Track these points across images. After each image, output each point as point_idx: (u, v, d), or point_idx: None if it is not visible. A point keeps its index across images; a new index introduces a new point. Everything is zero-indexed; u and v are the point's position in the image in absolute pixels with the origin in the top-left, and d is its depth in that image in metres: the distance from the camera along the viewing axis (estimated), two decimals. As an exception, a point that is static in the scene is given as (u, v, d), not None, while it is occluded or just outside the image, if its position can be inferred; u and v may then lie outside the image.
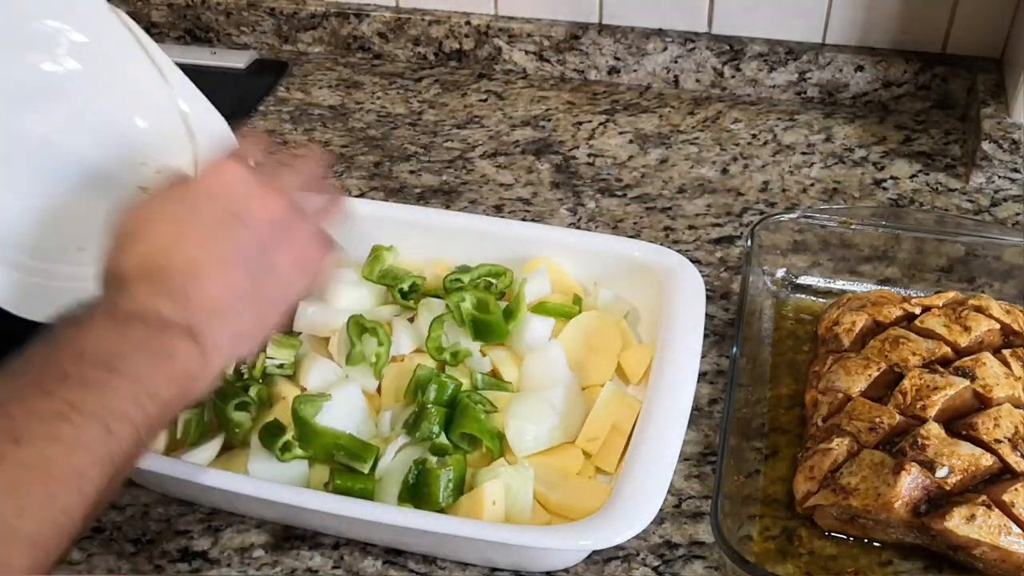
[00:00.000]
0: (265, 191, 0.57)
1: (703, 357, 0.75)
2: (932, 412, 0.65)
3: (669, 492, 0.62)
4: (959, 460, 0.62)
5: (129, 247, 0.54)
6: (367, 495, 0.65)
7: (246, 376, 0.72)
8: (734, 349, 0.72)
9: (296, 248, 0.59)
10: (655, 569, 0.65)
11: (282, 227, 0.58)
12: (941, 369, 0.68)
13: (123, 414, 0.48)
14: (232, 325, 0.54)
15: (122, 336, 0.50)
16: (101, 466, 0.46)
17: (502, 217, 0.95)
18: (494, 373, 0.75)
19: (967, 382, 0.67)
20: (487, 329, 0.74)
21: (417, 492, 0.65)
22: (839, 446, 0.65)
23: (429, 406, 0.68)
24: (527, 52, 1.17)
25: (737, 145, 1.05)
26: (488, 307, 0.75)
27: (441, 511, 0.65)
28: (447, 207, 0.97)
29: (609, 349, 0.75)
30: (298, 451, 0.67)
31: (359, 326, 0.73)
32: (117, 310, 0.52)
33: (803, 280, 0.84)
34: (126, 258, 0.54)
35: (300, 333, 0.76)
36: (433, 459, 0.65)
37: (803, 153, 1.03)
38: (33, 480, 0.44)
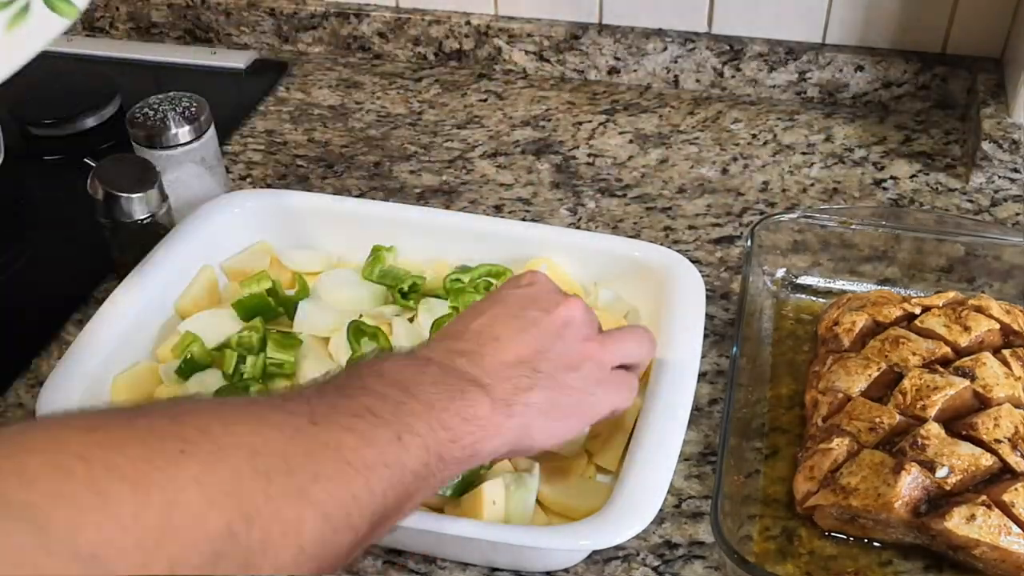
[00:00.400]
0: (568, 298, 0.62)
1: (703, 357, 0.75)
2: (932, 412, 0.66)
3: (669, 492, 0.62)
4: (959, 460, 0.62)
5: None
6: (367, 495, 0.65)
7: (246, 376, 0.72)
8: (734, 349, 0.72)
9: (596, 361, 0.60)
10: (655, 569, 0.65)
11: (582, 332, 0.60)
12: (941, 369, 0.68)
13: (415, 430, 0.49)
14: (524, 394, 0.56)
15: (419, 371, 0.53)
16: (390, 468, 0.47)
17: (502, 217, 0.95)
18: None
19: (967, 382, 0.67)
20: None
21: None
22: (839, 446, 0.65)
23: None
24: (527, 52, 1.17)
25: (737, 145, 1.05)
26: None
27: (439, 508, 0.65)
28: (447, 207, 0.97)
29: (609, 349, 0.75)
30: (298, 451, 0.67)
31: (359, 331, 0.73)
32: (415, 354, 0.56)
33: (803, 280, 0.84)
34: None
35: (300, 333, 0.76)
36: None
37: (803, 153, 1.03)
38: (327, 456, 0.44)
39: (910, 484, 0.61)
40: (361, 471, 0.45)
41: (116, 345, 0.74)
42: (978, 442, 0.63)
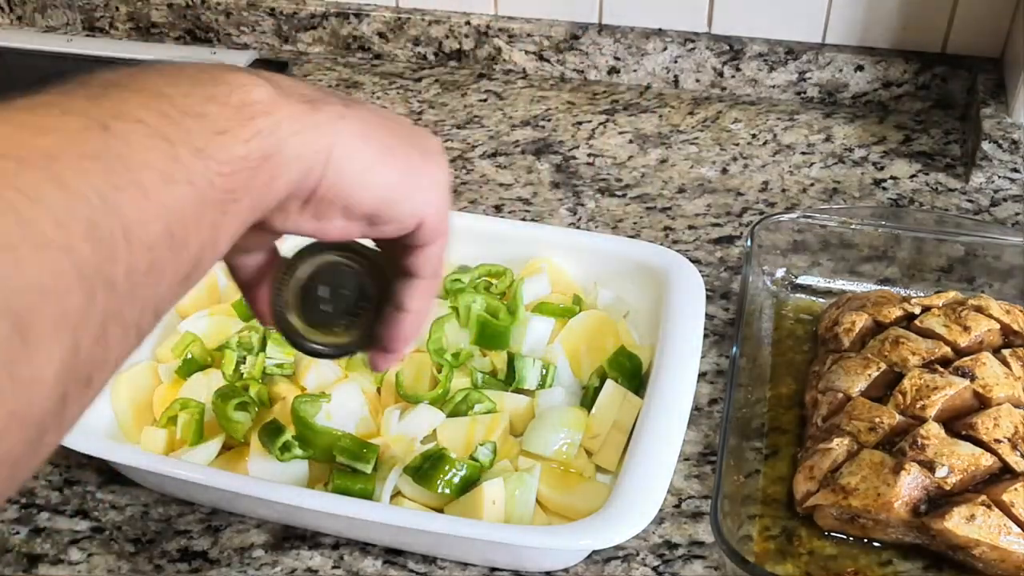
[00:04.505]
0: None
1: (703, 357, 0.75)
2: (932, 412, 0.66)
3: (669, 492, 0.62)
4: (959, 460, 0.62)
5: None
6: (367, 495, 0.65)
7: (246, 376, 0.72)
8: (734, 349, 0.72)
9: (438, 154, 0.47)
10: (655, 569, 0.65)
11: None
12: (941, 369, 0.68)
13: (131, 116, 0.33)
14: (333, 105, 0.40)
15: (151, 72, 0.36)
16: (92, 160, 0.31)
17: (502, 217, 0.95)
18: (494, 373, 0.75)
19: (967, 382, 0.67)
20: (493, 335, 0.74)
21: (422, 472, 0.65)
22: (839, 446, 0.65)
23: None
24: (527, 52, 1.17)
25: (737, 145, 1.05)
26: (498, 314, 0.75)
27: (439, 508, 0.65)
28: (447, 207, 0.97)
29: (609, 349, 0.75)
30: (298, 451, 0.67)
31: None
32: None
33: (803, 280, 0.84)
34: None
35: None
36: (453, 453, 0.66)
37: (803, 153, 1.03)
38: None
39: (910, 484, 0.61)
40: (14, 160, 0.29)
41: (116, 345, 0.73)
42: (978, 442, 0.63)
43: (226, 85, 0.36)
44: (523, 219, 0.95)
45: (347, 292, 0.51)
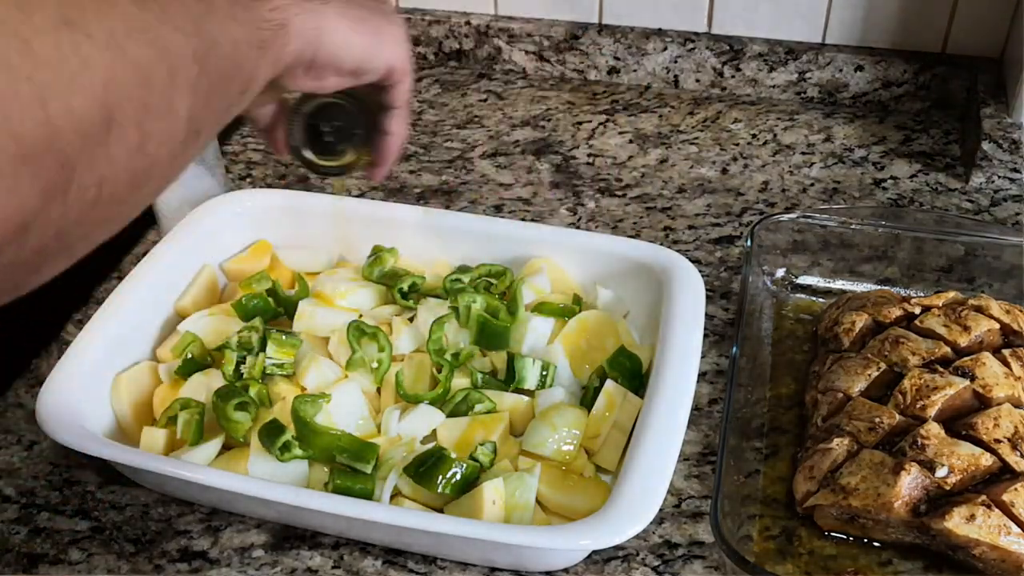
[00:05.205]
0: None
1: (703, 357, 0.75)
2: (932, 412, 0.66)
3: (669, 492, 0.62)
4: (959, 460, 0.62)
5: None
6: (367, 495, 0.65)
7: (246, 376, 0.72)
8: (734, 349, 0.72)
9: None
10: (655, 569, 0.65)
11: None
12: (941, 369, 0.68)
13: None
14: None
15: None
16: None
17: (502, 217, 0.95)
18: (494, 373, 0.75)
19: (967, 382, 0.67)
20: (493, 335, 0.74)
21: (422, 471, 0.65)
22: (839, 446, 0.65)
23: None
24: (527, 52, 1.17)
25: (737, 145, 1.05)
26: (498, 313, 0.75)
27: (439, 508, 0.65)
28: (447, 207, 0.97)
29: (609, 349, 0.75)
30: (298, 451, 0.67)
31: (359, 331, 0.73)
32: None
33: (803, 280, 0.84)
34: None
35: (300, 333, 0.76)
36: (453, 454, 0.66)
37: (803, 153, 1.03)
38: None
39: (910, 484, 0.61)
40: None
41: (116, 345, 0.74)
42: (978, 442, 0.63)
43: None
44: (523, 219, 0.95)
45: (343, 125, 0.67)
